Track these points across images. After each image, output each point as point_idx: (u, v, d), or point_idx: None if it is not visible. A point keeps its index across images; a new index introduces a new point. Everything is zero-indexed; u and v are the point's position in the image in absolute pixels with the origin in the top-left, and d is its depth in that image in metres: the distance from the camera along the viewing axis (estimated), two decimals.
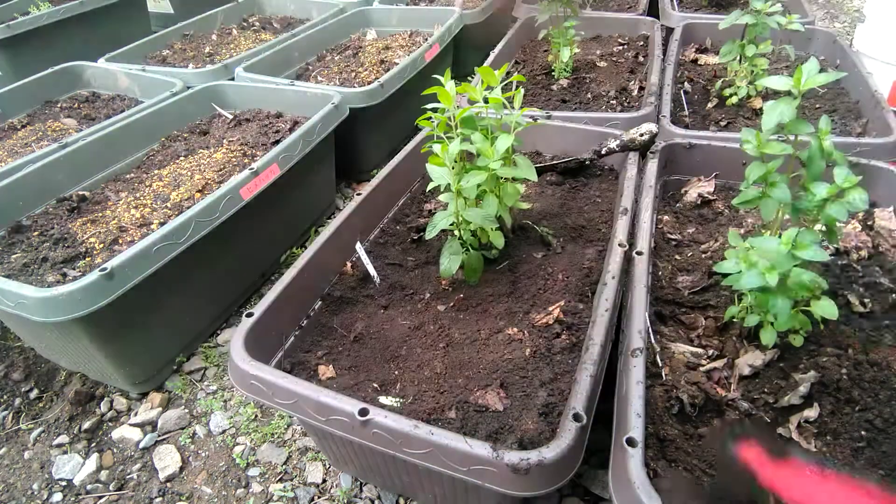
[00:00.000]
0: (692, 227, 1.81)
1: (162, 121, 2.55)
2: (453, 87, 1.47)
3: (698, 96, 2.48)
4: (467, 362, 1.41)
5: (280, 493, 1.69)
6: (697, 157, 1.95)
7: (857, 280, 1.50)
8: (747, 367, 1.31)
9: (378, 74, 2.93)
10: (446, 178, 1.50)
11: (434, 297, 1.64)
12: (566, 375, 1.34)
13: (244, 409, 1.93)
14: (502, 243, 1.63)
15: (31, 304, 1.55)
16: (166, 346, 2.00)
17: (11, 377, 2.06)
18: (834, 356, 1.30)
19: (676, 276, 1.59)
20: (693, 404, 1.24)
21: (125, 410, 1.96)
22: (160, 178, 2.25)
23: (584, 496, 1.60)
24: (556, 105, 2.50)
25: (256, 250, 2.29)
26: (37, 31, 3.66)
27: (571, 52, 2.61)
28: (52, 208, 2.11)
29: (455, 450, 1.09)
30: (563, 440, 1.08)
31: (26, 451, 1.87)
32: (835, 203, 1.16)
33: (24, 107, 2.93)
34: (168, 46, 3.51)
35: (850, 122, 2.17)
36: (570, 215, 1.89)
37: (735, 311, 1.37)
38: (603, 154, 2.01)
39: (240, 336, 1.36)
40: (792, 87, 1.16)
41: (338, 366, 1.46)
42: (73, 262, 1.84)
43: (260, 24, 3.88)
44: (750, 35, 2.19)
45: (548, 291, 1.58)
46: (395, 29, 3.65)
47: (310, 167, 2.41)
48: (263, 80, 2.75)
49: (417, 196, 2.11)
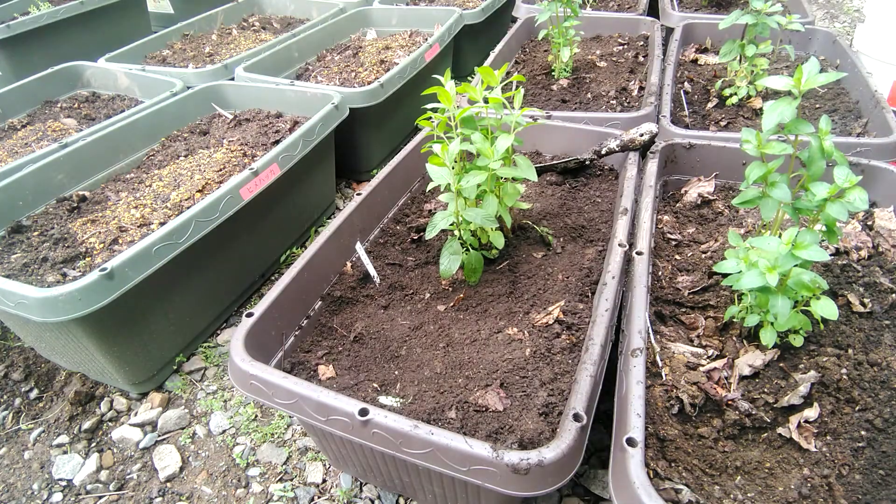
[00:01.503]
0: (692, 227, 1.80)
1: (162, 121, 2.55)
2: (453, 87, 1.47)
3: (698, 96, 2.48)
4: (467, 362, 1.41)
5: (280, 493, 1.68)
6: (697, 157, 1.95)
7: (857, 280, 1.50)
8: (747, 367, 1.31)
9: (378, 74, 2.93)
10: (446, 178, 1.50)
11: (434, 297, 1.64)
12: (566, 375, 1.34)
13: (244, 409, 1.93)
14: (502, 243, 1.63)
15: (31, 304, 1.55)
16: (166, 346, 2.00)
17: (11, 377, 2.06)
18: (834, 356, 1.30)
19: (676, 276, 1.59)
20: (693, 404, 1.24)
21: (125, 410, 1.96)
22: (160, 178, 2.25)
23: (584, 496, 1.60)
24: (556, 105, 2.50)
25: (256, 250, 2.29)
26: (37, 31, 3.66)
27: (571, 52, 2.60)
28: (52, 208, 2.11)
29: (455, 450, 1.09)
30: (563, 440, 1.07)
31: (26, 451, 1.87)
32: (835, 203, 1.16)
33: (24, 107, 2.93)
34: (168, 46, 3.51)
35: (850, 122, 2.17)
36: (570, 215, 1.89)
37: (735, 311, 1.37)
38: (603, 154, 2.01)
39: (240, 336, 1.36)
40: (792, 87, 1.16)
41: (338, 366, 1.46)
42: (73, 262, 1.84)
43: (260, 24, 3.88)
44: (750, 35, 2.19)
45: (548, 291, 1.58)
46: (395, 29, 3.65)
47: (310, 167, 2.41)
48: (263, 80, 2.75)
49: (417, 196, 2.11)
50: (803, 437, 1.19)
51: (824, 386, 1.26)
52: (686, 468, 1.15)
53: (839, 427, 1.20)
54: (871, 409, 1.21)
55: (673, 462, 1.16)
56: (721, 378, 1.31)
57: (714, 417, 1.25)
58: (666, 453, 1.17)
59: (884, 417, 1.20)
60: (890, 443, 1.16)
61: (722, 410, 1.25)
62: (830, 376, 1.26)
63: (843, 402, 1.24)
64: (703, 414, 1.26)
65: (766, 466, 1.16)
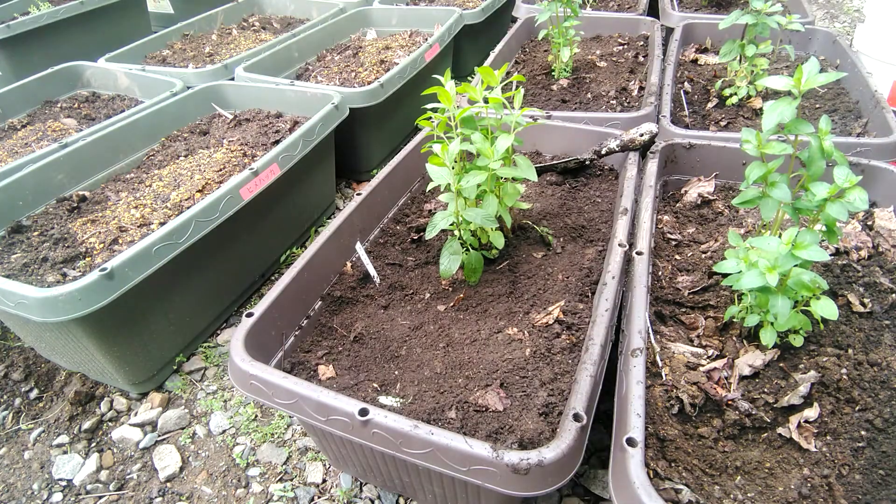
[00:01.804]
0: (692, 227, 1.80)
1: (162, 121, 2.55)
2: (453, 87, 1.47)
3: (698, 96, 2.48)
4: (467, 362, 1.41)
5: (280, 493, 1.68)
6: (697, 157, 1.95)
7: (857, 280, 1.50)
8: (747, 367, 1.31)
9: (378, 74, 2.93)
10: (446, 178, 1.50)
11: (434, 297, 1.64)
12: (566, 375, 1.34)
13: (244, 409, 1.93)
14: (502, 243, 1.63)
15: (31, 304, 1.55)
16: (166, 346, 2.00)
17: (11, 377, 2.06)
18: (834, 356, 1.30)
19: (676, 276, 1.59)
20: (693, 404, 1.24)
21: (125, 410, 1.96)
22: (160, 178, 2.25)
23: (584, 496, 1.60)
24: (556, 105, 2.50)
25: (256, 250, 2.29)
26: (37, 31, 3.66)
27: (571, 52, 2.60)
28: (52, 208, 2.11)
29: (455, 450, 1.09)
30: (563, 440, 1.07)
31: (26, 451, 1.87)
32: (835, 203, 1.16)
33: (24, 107, 2.93)
34: (168, 46, 3.51)
35: (850, 122, 2.17)
36: (570, 215, 1.89)
37: (735, 311, 1.37)
38: (603, 154, 2.01)
39: (240, 336, 1.36)
40: (792, 87, 1.16)
41: (338, 366, 1.46)
42: (73, 262, 1.84)
43: (260, 24, 3.88)
44: (750, 35, 2.19)
45: (548, 291, 1.58)
46: (395, 29, 3.65)
47: (310, 167, 2.41)
48: (263, 80, 2.74)
49: (417, 196, 2.11)
50: (803, 437, 1.19)
51: (824, 386, 1.26)
52: (686, 468, 1.15)
53: (839, 427, 1.20)
54: (871, 409, 1.21)
55: (673, 462, 1.16)
56: (721, 378, 1.31)
57: (714, 417, 1.25)
58: (666, 453, 1.17)
59: (884, 417, 1.20)
60: (890, 443, 1.16)
61: (722, 410, 1.25)
62: (830, 376, 1.26)
63: (843, 402, 1.24)
64: (703, 414, 1.26)
65: (766, 466, 1.16)
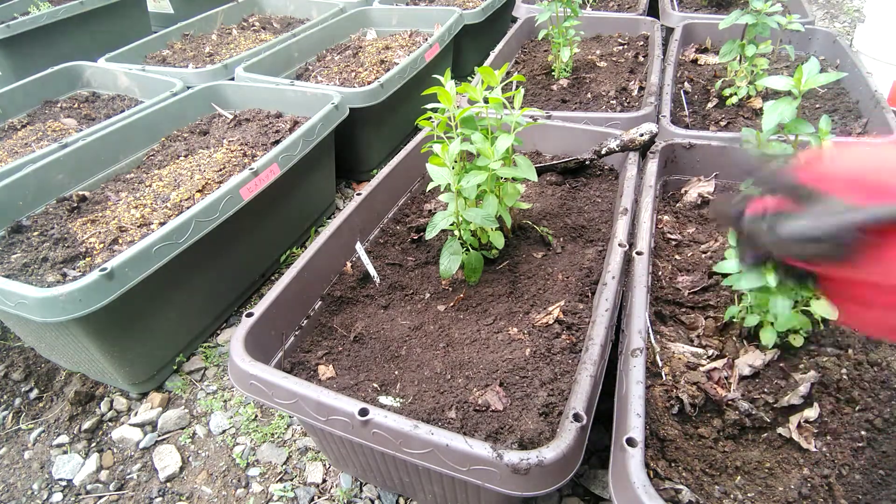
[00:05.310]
0: (692, 227, 1.80)
1: (162, 121, 2.55)
2: (453, 87, 1.47)
3: (698, 96, 2.48)
4: (467, 362, 1.41)
5: (280, 493, 1.68)
6: (697, 157, 1.95)
7: None
8: (747, 367, 1.31)
9: (378, 74, 2.93)
10: (446, 178, 1.50)
11: (434, 297, 1.64)
12: (566, 375, 1.34)
13: (244, 409, 1.93)
14: (502, 243, 1.63)
15: (31, 304, 1.55)
16: (166, 346, 2.00)
17: (11, 377, 2.06)
18: (834, 356, 1.30)
19: (676, 276, 1.59)
20: (693, 404, 1.24)
21: (125, 410, 1.96)
22: (160, 178, 2.25)
23: (584, 496, 1.60)
24: (556, 105, 2.50)
25: (256, 250, 2.29)
26: (37, 31, 3.66)
27: (571, 52, 2.60)
28: (52, 208, 2.11)
29: (455, 450, 1.09)
30: (563, 440, 1.07)
31: (26, 451, 1.87)
32: None
33: (24, 107, 2.93)
34: (168, 46, 3.51)
35: (850, 122, 2.17)
36: (570, 215, 1.89)
37: (735, 311, 1.37)
38: (603, 154, 2.01)
39: (240, 336, 1.36)
40: (792, 87, 1.16)
41: (338, 366, 1.46)
42: (73, 262, 1.84)
43: (260, 24, 3.88)
44: (750, 35, 2.19)
45: (548, 291, 1.58)
46: (395, 29, 3.65)
47: (310, 167, 2.41)
48: (263, 80, 2.74)
49: (417, 196, 2.11)
50: (803, 437, 1.19)
51: (824, 386, 1.26)
52: (686, 468, 1.15)
53: (839, 427, 1.20)
54: (871, 409, 1.21)
55: (673, 462, 1.16)
56: (721, 378, 1.31)
57: (714, 417, 1.25)
58: (666, 453, 1.17)
59: (884, 417, 1.20)
60: (890, 443, 1.16)
61: (722, 410, 1.25)
62: (830, 376, 1.26)
63: (843, 402, 1.24)
64: (703, 414, 1.26)
65: (766, 466, 1.16)
